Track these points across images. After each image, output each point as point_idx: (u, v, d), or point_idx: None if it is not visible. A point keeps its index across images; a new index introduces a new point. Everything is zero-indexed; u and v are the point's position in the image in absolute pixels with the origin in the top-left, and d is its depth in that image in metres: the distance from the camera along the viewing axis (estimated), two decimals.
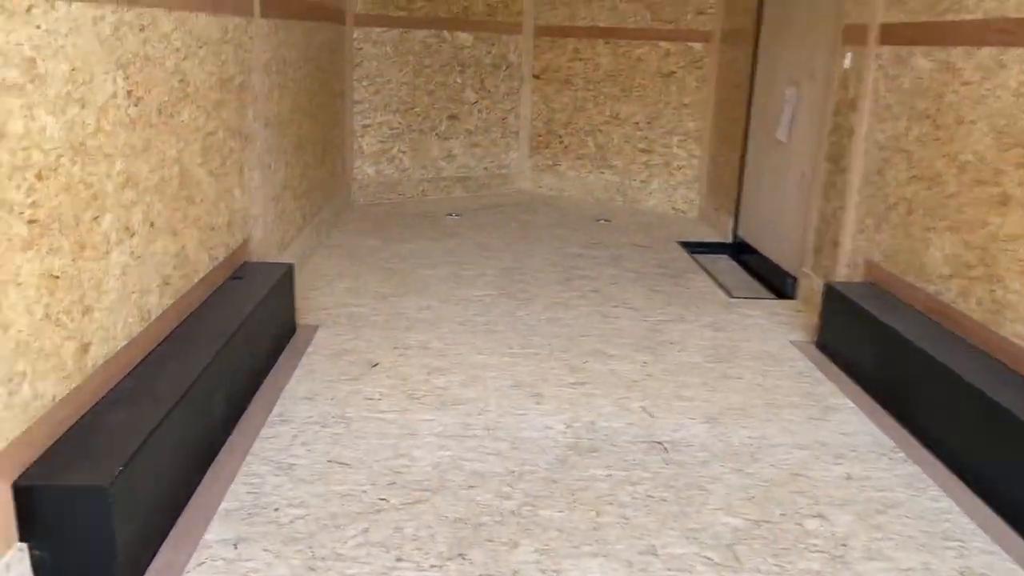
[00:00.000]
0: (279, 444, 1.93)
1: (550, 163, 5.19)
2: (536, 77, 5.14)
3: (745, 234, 3.93)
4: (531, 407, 2.18)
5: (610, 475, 1.84)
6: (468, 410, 2.14)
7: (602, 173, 4.99)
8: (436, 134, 4.88)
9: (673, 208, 4.75)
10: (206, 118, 2.18)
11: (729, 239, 4.10)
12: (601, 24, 4.82)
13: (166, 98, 1.89)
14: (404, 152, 4.78)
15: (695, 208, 4.68)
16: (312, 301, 2.94)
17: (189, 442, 1.69)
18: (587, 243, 3.98)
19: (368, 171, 4.67)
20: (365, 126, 4.60)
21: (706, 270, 3.61)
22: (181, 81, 1.99)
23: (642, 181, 4.85)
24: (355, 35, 4.45)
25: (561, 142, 5.12)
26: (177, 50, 1.96)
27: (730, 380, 2.40)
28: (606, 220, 4.52)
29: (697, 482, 1.83)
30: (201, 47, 2.12)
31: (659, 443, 2.00)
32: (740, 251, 3.99)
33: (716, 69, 4.46)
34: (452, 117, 4.92)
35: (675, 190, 4.73)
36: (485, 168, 5.13)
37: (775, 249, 3.54)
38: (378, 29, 4.52)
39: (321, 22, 3.68)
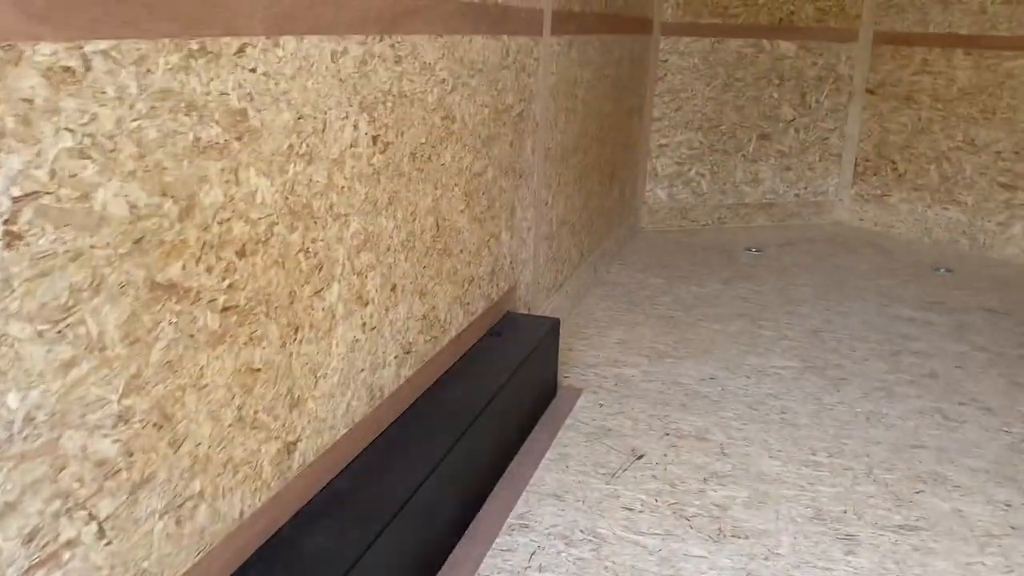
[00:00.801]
0: (513, 563, 1.59)
1: (877, 192, 4.40)
2: (870, 92, 4.38)
3: None
4: (839, 558, 1.64)
5: None
6: (752, 548, 1.65)
7: (945, 209, 4.12)
8: (742, 155, 4.32)
9: None
10: (473, 157, 1.90)
11: None
12: (962, 31, 3.95)
13: (423, 140, 1.62)
14: (703, 175, 4.29)
15: None
16: (579, 354, 2.60)
17: (407, 561, 1.40)
18: (922, 302, 3.23)
19: (660, 194, 4.24)
20: (662, 145, 4.18)
21: None
22: (445, 118, 1.71)
23: (999, 223, 3.91)
24: (661, 46, 4.05)
25: (894, 169, 4.31)
26: (442, 82, 1.68)
27: None
28: (948, 270, 3.68)
29: None
30: (473, 76, 1.84)
31: None
32: None
33: None
34: (763, 136, 4.33)
35: None
36: (796, 195, 4.48)
37: None
38: (687, 39, 4.07)
39: (623, 35, 3.32)
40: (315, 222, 1.28)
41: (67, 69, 0.80)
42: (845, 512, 1.79)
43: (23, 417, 0.80)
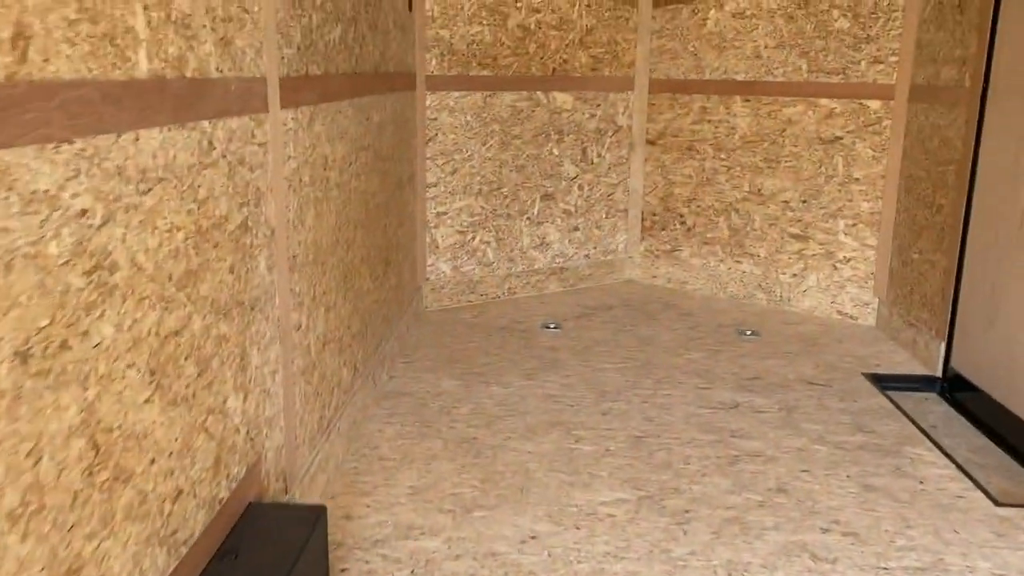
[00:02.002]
0: None
1: (667, 248, 4.15)
2: (651, 143, 4.13)
3: (965, 366, 2.81)
4: None
5: None
6: None
7: (738, 263, 3.92)
8: (527, 218, 3.90)
9: (839, 312, 3.64)
10: (162, 312, 1.22)
11: (937, 370, 2.98)
12: (738, 77, 3.78)
13: (45, 321, 0.94)
14: (487, 243, 3.81)
15: (870, 314, 3.56)
16: (360, 526, 1.96)
17: None
18: (739, 380, 2.91)
19: (444, 269, 3.71)
20: (440, 214, 3.65)
21: (927, 435, 2.50)
22: (93, 271, 1.04)
23: (794, 275, 3.75)
24: (428, 102, 3.53)
25: (683, 223, 4.08)
26: (82, 215, 1.01)
27: None
28: (753, 333, 3.44)
29: None
30: (147, 192, 1.18)
31: None
32: (955, 388, 2.87)
33: (902, 135, 3.36)
34: (547, 197, 3.94)
35: (841, 289, 3.62)
36: (587, 256, 4.12)
37: None
38: (456, 94, 3.58)
39: (382, 94, 2.76)
40: None
41: None
42: None
43: None
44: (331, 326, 2.18)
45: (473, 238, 3.76)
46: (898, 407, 2.71)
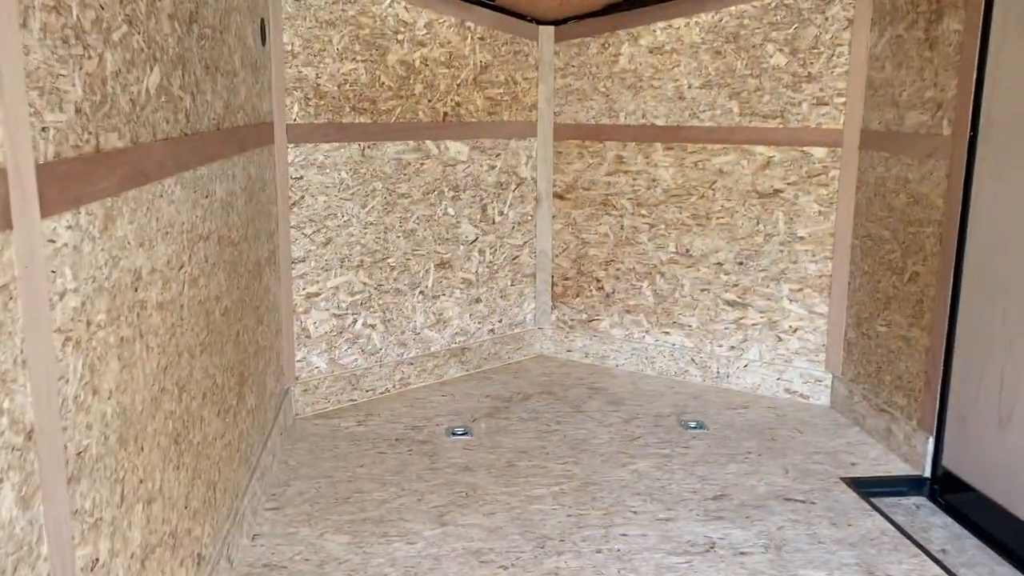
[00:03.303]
0: None
1: (583, 318, 3.57)
2: (560, 197, 3.55)
3: (964, 467, 2.34)
4: None
5: None
6: None
7: (666, 334, 3.38)
8: (420, 292, 3.23)
9: (788, 391, 3.15)
10: None
11: (923, 468, 2.51)
12: (659, 121, 3.27)
13: None
14: (372, 326, 3.10)
15: (823, 392, 3.08)
16: None
17: None
18: (704, 502, 2.33)
19: (318, 363, 2.97)
20: (311, 296, 2.92)
21: (946, 569, 2.00)
22: None
23: (732, 348, 3.25)
24: (292, 158, 2.81)
25: (600, 288, 3.51)
26: None
27: None
28: (698, 425, 2.89)
29: None
30: None
31: None
32: (947, 488, 2.41)
33: (854, 187, 2.92)
34: (443, 265, 3.28)
35: (788, 363, 3.14)
36: (491, 331, 3.49)
37: None
38: (326, 146, 2.88)
39: (229, 157, 2.03)
40: None
41: None
42: None
43: None
44: (155, 526, 1.42)
45: (354, 322, 3.04)
46: (900, 530, 2.21)
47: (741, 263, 3.18)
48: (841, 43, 2.88)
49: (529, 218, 3.53)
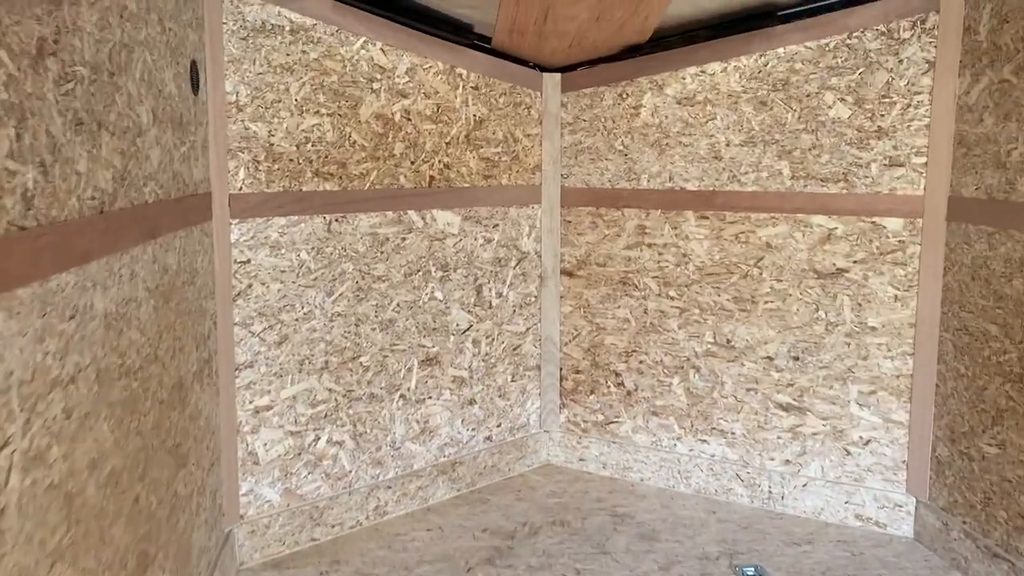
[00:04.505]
0: None
1: (599, 419, 2.96)
2: (569, 275, 2.96)
3: None
4: None
5: None
6: None
7: (704, 443, 2.77)
8: (401, 396, 2.61)
9: (859, 517, 2.53)
10: None
11: None
12: (689, 186, 2.71)
13: None
14: (340, 443, 2.47)
15: (904, 520, 2.47)
16: None
17: None
18: None
19: (269, 497, 2.33)
20: (261, 410, 2.29)
21: None
22: None
23: (787, 462, 2.64)
24: (236, 236, 2.20)
25: (620, 385, 2.91)
26: None
27: None
28: (756, 572, 2.26)
29: None
30: None
31: None
32: None
33: (941, 268, 2.35)
34: (429, 361, 2.66)
35: (859, 484, 2.53)
36: (488, 438, 2.86)
37: None
38: (282, 220, 2.28)
39: (127, 250, 1.42)
40: None
41: None
42: None
43: None
44: None
45: (316, 439, 2.41)
46: None
47: (797, 358, 2.58)
48: (919, 91, 2.34)
49: (533, 300, 2.94)
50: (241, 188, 2.20)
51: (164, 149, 1.69)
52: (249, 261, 2.24)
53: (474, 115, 2.70)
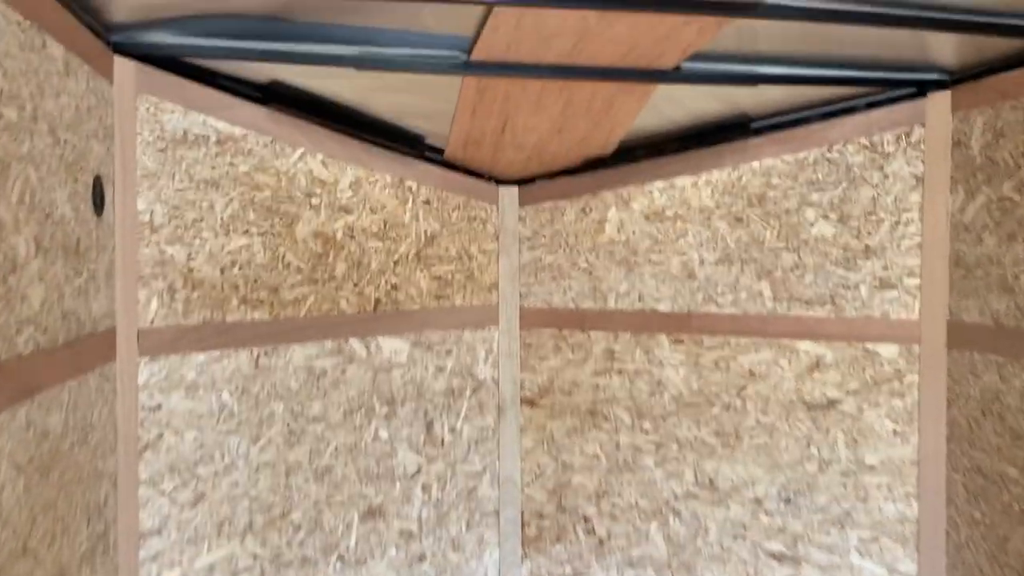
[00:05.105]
0: None
1: (567, 572, 2.61)
2: (531, 404, 2.67)
3: None
4: None
5: None
6: None
7: None
8: (338, 558, 2.24)
9: None
10: None
11: None
12: (662, 307, 2.47)
13: None
14: None
15: None
16: None
17: None
18: None
19: None
20: None
21: None
22: None
23: None
24: (144, 378, 1.86)
25: (589, 531, 2.58)
26: None
27: None
28: None
29: None
30: None
31: None
32: None
33: (944, 399, 2.13)
34: (372, 513, 2.31)
35: None
36: None
37: None
38: (200, 356, 1.96)
39: (20, 403, 1.09)
40: None
41: None
42: None
43: None
44: None
45: None
46: None
47: (788, 500, 2.31)
48: (908, 208, 2.17)
49: (490, 434, 2.63)
50: (153, 321, 1.88)
51: (50, 285, 1.38)
52: (160, 406, 1.89)
53: (425, 231, 2.45)
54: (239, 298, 2.02)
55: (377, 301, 2.32)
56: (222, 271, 1.99)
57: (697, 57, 1.95)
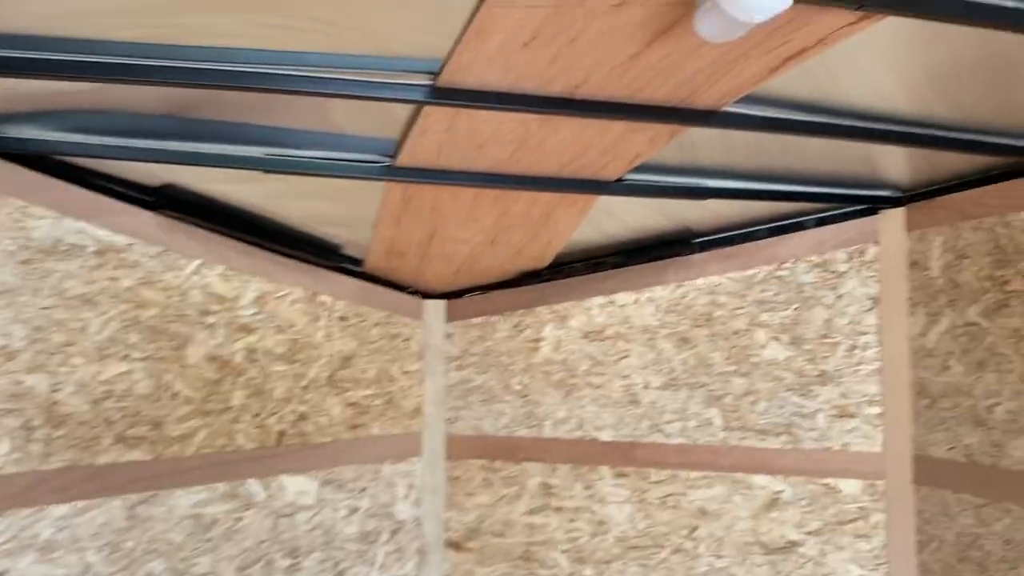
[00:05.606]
0: None
1: None
2: (456, 548, 2.37)
3: None
4: None
5: None
6: None
7: None
8: None
9: None
10: None
11: None
12: (604, 435, 2.24)
13: None
14: None
15: None
16: None
17: None
18: None
19: None
20: None
21: None
22: None
23: None
24: None
25: None
26: None
27: None
28: None
29: None
30: None
31: None
32: None
33: (913, 541, 1.93)
34: None
35: None
36: None
37: None
38: (61, 509, 1.61)
39: None
40: None
41: None
42: None
43: None
44: None
45: None
46: None
47: None
48: (865, 331, 2.02)
49: None
50: (3, 467, 1.54)
51: None
52: (6, 573, 1.53)
53: (339, 351, 2.18)
54: (114, 435, 1.70)
55: (281, 434, 2.02)
56: (94, 403, 1.67)
57: (640, 168, 1.79)
